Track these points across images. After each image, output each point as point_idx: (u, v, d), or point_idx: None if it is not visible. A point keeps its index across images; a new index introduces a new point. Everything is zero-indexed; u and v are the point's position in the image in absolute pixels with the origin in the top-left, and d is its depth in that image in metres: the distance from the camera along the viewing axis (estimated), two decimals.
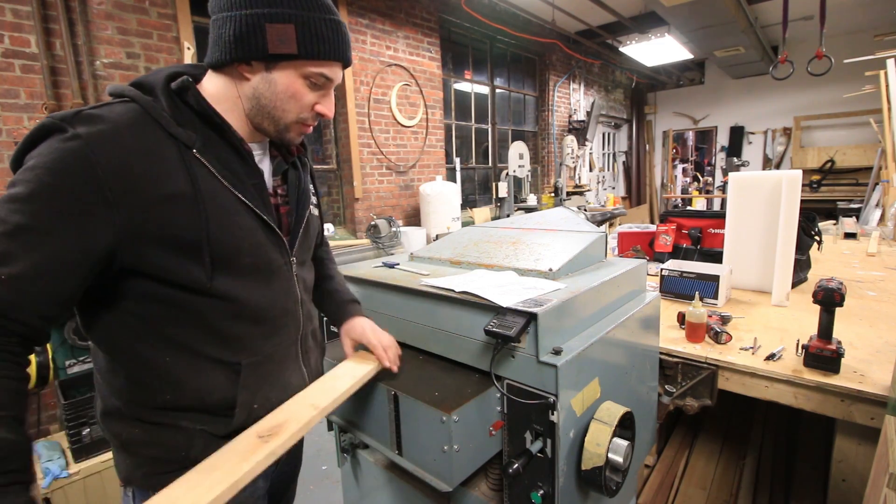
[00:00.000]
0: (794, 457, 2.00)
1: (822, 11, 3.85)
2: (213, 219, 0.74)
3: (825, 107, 7.53)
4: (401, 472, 1.29)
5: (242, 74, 0.77)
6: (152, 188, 0.69)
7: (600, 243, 1.34)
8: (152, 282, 0.73)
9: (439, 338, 1.13)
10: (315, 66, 0.77)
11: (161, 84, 0.75)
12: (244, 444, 0.76)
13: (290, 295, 0.89)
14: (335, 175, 4.43)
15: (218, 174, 0.76)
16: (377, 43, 4.38)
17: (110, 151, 0.66)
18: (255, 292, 0.82)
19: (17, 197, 0.64)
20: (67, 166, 0.65)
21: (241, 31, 0.72)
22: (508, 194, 5.23)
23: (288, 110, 0.79)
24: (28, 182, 0.64)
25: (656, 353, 1.44)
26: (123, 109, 0.71)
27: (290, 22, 0.72)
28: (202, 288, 0.75)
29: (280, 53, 0.74)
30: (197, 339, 0.78)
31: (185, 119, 0.74)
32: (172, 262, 0.72)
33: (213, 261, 0.74)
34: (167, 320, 0.76)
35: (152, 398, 0.78)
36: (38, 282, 0.64)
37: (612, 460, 0.95)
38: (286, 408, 0.85)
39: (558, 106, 7.12)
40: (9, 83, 2.45)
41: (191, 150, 0.73)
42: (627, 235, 2.87)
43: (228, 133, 0.78)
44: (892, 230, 3.54)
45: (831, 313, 1.28)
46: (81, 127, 0.66)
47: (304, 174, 0.96)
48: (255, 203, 0.80)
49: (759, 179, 2.00)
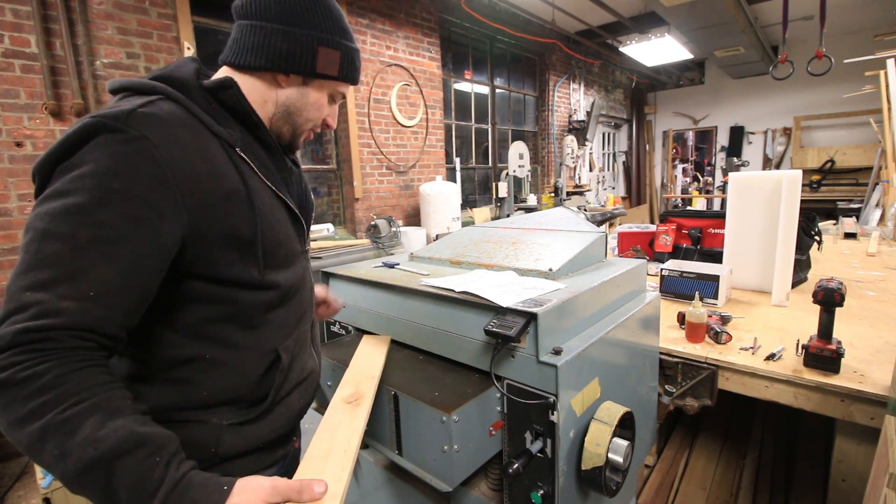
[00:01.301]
0: (794, 457, 2.00)
1: (822, 11, 3.86)
2: (261, 215, 0.76)
3: (825, 107, 7.54)
4: (401, 472, 1.29)
5: (278, 82, 0.81)
6: (214, 186, 0.70)
7: (600, 243, 1.35)
8: (201, 281, 0.73)
9: (439, 338, 1.13)
10: (343, 86, 0.87)
11: (194, 81, 0.75)
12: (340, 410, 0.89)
13: (306, 282, 0.93)
14: (335, 175, 4.43)
15: (258, 171, 0.79)
16: (377, 43, 4.38)
17: (176, 151, 0.66)
18: (291, 279, 0.85)
19: (79, 208, 0.60)
20: (135, 168, 0.63)
21: (295, 48, 0.78)
22: (508, 194, 5.23)
23: (310, 119, 0.86)
24: (91, 190, 0.61)
25: (656, 353, 1.44)
26: (171, 108, 0.70)
27: (338, 49, 0.82)
28: (254, 282, 0.77)
29: (325, 74, 0.82)
30: (235, 333, 0.78)
31: (221, 117, 0.76)
32: (227, 258, 0.73)
33: (264, 255, 0.77)
34: (209, 319, 0.75)
35: (186, 400, 0.76)
36: (125, 293, 0.63)
37: (612, 460, 0.95)
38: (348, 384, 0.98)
39: (558, 106, 7.13)
40: (9, 83, 2.45)
41: (234, 148, 0.76)
42: (627, 235, 2.87)
43: (263, 132, 0.82)
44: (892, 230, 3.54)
45: (831, 313, 1.28)
46: (142, 127, 0.64)
47: (299, 170, 1.01)
48: (286, 195, 0.84)
49: (759, 179, 2.00)
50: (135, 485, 0.55)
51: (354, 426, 0.85)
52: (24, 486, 2.30)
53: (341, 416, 0.88)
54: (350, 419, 0.87)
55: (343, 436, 0.80)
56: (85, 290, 0.59)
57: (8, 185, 2.48)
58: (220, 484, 0.56)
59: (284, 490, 0.54)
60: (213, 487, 0.57)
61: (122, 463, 0.55)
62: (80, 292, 0.59)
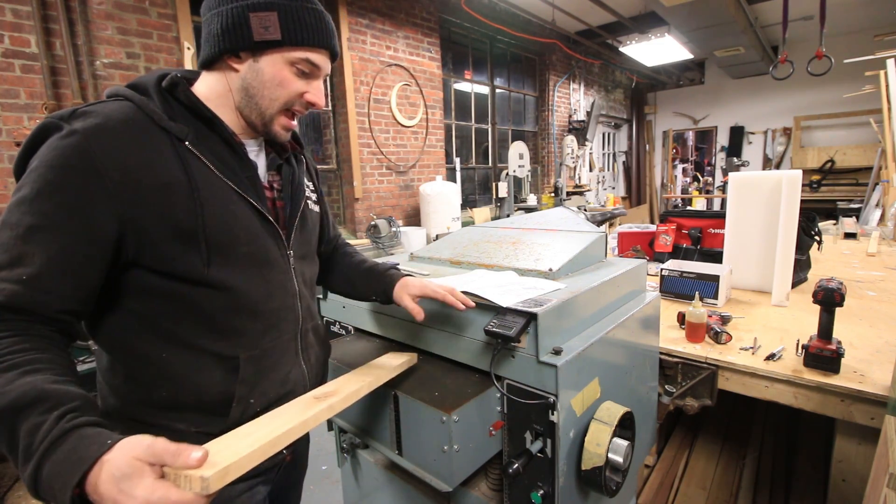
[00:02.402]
0: (794, 457, 2.00)
1: (822, 11, 3.86)
2: (208, 206, 0.76)
3: (825, 107, 7.54)
4: (401, 472, 1.29)
5: (232, 66, 0.79)
6: (148, 177, 0.71)
7: (600, 243, 1.34)
8: (152, 274, 0.74)
9: (439, 338, 1.13)
10: (300, 51, 0.79)
11: (153, 83, 0.78)
12: (302, 402, 0.81)
13: (287, 288, 0.90)
14: (335, 175, 4.43)
15: (211, 165, 0.78)
16: (377, 43, 4.38)
17: (106, 143, 0.69)
18: (253, 283, 0.83)
19: (24, 199, 0.66)
20: (67, 161, 0.67)
21: (228, 24, 0.76)
22: (508, 194, 5.23)
23: (275, 98, 0.81)
24: (33, 183, 0.67)
25: (656, 353, 1.44)
26: (116, 106, 0.74)
27: (272, 10, 0.76)
28: (199, 276, 0.76)
29: (265, 40, 0.76)
30: (195, 334, 0.78)
31: (176, 114, 0.77)
32: (171, 250, 0.74)
33: (209, 248, 0.76)
34: (165, 315, 0.77)
35: (149, 396, 0.79)
36: (58, 278, 0.67)
37: (612, 460, 0.95)
38: (333, 384, 0.91)
39: (558, 106, 7.13)
40: (9, 83, 2.45)
41: (183, 142, 0.76)
42: (627, 235, 2.87)
43: (219, 126, 0.80)
44: (892, 230, 3.55)
45: (831, 313, 1.27)
46: (77, 122, 0.69)
47: (298, 170, 0.97)
48: (248, 193, 0.81)
49: (759, 179, 2.00)
50: (27, 434, 0.58)
51: (304, 420, 0.76)
52: (23, 485, 2.30)
53: (296, 407, 0.80)
54: (302, 411, 0.79)
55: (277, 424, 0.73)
56: (19, 274, 0.65)
57: (8, 185, 2.48)
58: (105, 437, 0.57)
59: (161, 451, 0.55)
60: (95, 440, 0.57)
61: (22, 415, 0.59)
62: (16, 276, 0.65)
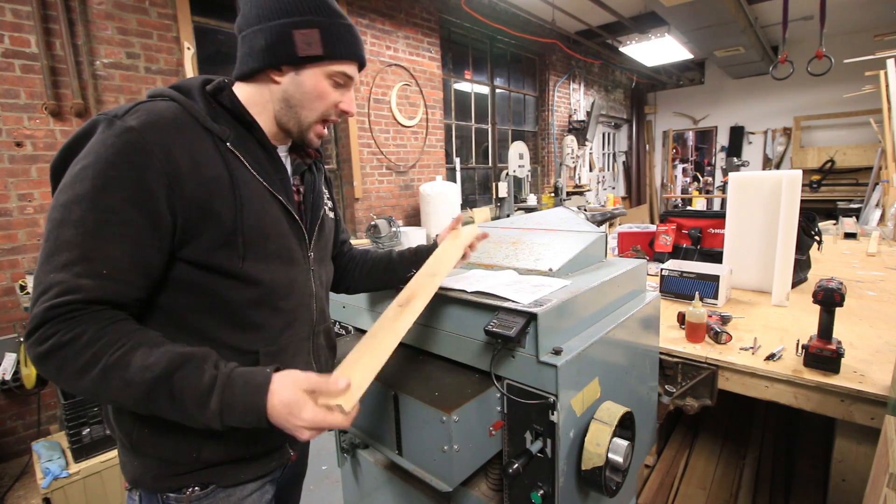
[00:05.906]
0: (794, 457, 2.00)
1: (822, 11, 3.85)
2: (247, 203, 0.80)
3: (825, 107, 7.53)
4: (401, 472, 1.29)
5: (273, 79, 0.84)
6: (198, 172, 0.75)
7: (600, 243, 1.34)
8: (189, 266, 0.77)
9: (439, 338, 1.13)
10: (337, 65, 0.86)
11: (197, 86, 0.83)
12: (390, 313, 0.91)
13: (306, 288, 0.93)
14: (335, 175, 4.43)
15: (249, 165, 0.82)
16: (377, 43, 4.38)
17: (162, 139, 0.72)
18: (278, 279, 0.86)
19: (83, 196, 0.68)
20: (127, 157, 0.69)
21: (272, 40, 0.80)
22: (508, 194, 5.23)
23: (314, 109, 0.87)
24: (93, 179, 0.68)
25: (656, 353, 1.44)
26: (164, 105, 0.77)
27: (314, 27, 0.81)
28: (234, 270, 0.79)
29: (308, 56, 0.82)
30: (218, 328, 0.81)
31: (219, 116, 0.82)
32: (212, 243, 0.77)
33: (245, 243, 0.79)
34: (191, 309, 0.79)
35: None
36: (133, 269, 0.70)
37: (612, 460, 0.95)
38: (408, 288, 0.99)
39: (558, 106, 7.12)
40: (9, 83, 2.45)
41: (225, 142, 0.80)
42: (627, 235, 2.87)
43: (258, 131, 0.85)
44: (892, 230, 3.54)
45: (831, 313, 1.27)
46: (131, 119, 0.72)
47: (318, 177, 1.02)
48: (280, 194, 0.86)
49: (759, 179, 2.00)
50: (194, 388, 0.67)
51: (396, 328, 0.87)
52: (23, 486, 2.30)
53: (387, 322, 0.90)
54: (393, 322, 0.89)
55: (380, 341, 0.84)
56: (98, 269, 0.67)
57: (8, 185, 2.47)
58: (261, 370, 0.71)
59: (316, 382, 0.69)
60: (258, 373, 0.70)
61: (178, 376, 0.67)
62: (95, 271, 0.67)
